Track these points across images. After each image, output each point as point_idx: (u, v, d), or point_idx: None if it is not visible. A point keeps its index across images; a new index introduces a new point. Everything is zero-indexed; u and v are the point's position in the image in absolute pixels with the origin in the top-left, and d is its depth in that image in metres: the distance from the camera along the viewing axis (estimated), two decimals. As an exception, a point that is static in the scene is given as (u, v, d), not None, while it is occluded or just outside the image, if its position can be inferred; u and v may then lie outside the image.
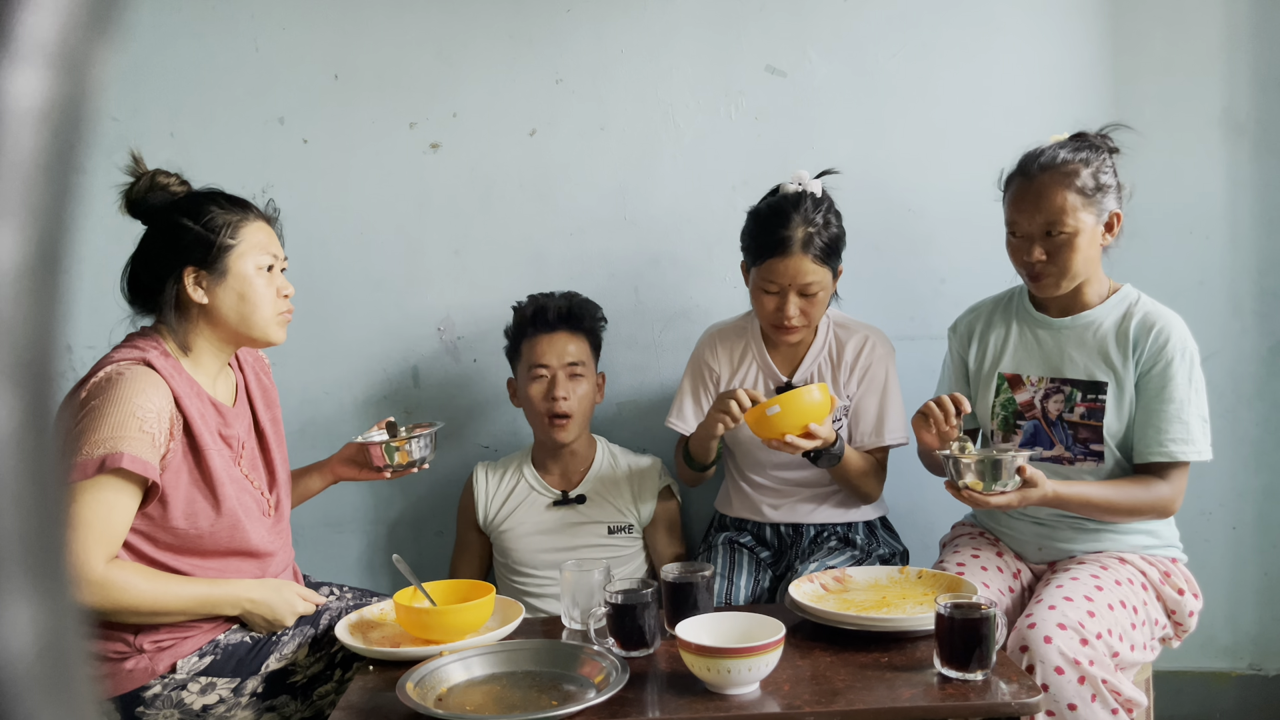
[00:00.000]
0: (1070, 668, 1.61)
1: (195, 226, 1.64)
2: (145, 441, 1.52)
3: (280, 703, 1.69)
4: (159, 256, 1.65)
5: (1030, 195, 1.80)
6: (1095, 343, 1.85)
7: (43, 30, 0.25)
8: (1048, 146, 1.83)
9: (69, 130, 0.26)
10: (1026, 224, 1.81)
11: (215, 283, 1.64)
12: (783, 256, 1.92)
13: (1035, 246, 1.80)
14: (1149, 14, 2.31)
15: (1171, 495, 1.79)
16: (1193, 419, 1.79)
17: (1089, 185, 1.78)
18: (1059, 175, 1.78)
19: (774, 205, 1.97)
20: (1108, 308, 1.86)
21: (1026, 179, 1.81)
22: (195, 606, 1.61)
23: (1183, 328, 1.82)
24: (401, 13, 2.36)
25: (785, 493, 2.12)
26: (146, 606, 1.56)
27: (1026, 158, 1.84)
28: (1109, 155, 1.84)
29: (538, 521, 2.21)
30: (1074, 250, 1.79)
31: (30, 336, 0.26)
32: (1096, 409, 1.84)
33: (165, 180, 1.69)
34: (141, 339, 1.65)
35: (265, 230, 1.71)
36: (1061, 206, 1.77)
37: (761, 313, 2.01)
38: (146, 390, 1.55)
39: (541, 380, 2.14)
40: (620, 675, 1.44)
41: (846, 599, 1.71)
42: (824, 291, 1.96)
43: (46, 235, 0.26)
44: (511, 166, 2.39)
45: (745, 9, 2.36)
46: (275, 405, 1.87)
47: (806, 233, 1.92)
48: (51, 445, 0.27)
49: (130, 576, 1.54)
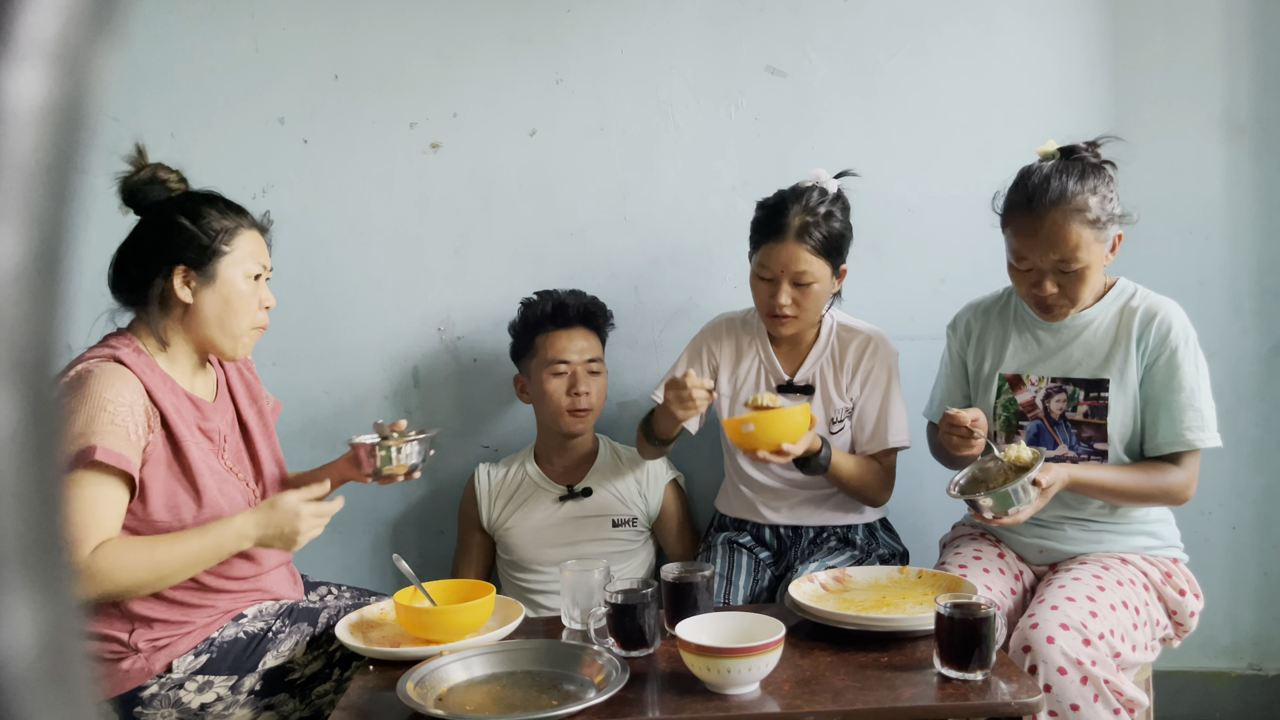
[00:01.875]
0: (1073, 668, 1.61)
1: (191, 227, 1.64)
2: (118, 434, 1.52)
3: (278, 701, 1.69)
4: (151, 251, 1.65)
5: (1041, 233, 1.74)
6: (1095, 340, 1.85)
7: (43, 30, 0.25)
8: (1045, 173, 1.76)
9: (69, 130, 0.26)
10: (1037, 260, 1.77)
11: (203, 285, 1.65)
12: (777, 242, 1.94)
13: (1046, 281, 1.77)
14: (1149, 14, 2.31)
15: (1186, 481, 1.79)
16: (1204, 405, 1.79)
17: (1100, 217, 1.74)
18: (1069, 211, 1.73)
19: (780, 194, 1.99)
20: (1105, 304, 1.86)
21: (1033, 215, 1.74)
22: (200, 558, 1.58)
23: (1182, 314, 1.82)
24: (401, 13, 2.36)
25: (785, 494, 2.12)
26: (150, 576, 1.54)
27: (1029, 188, 1.76)
28: (1111, 176, 1.80)
29: (542, 517, 2.22)
30: (1084, 281, 1.77)
31: (30, 336, 0.26)
32: (1099, 407, 1.84)
33: (166, 175, 1.70)
34: (115, 338, 1.66)
35: (258, 240, 1.72)
36: (1076, 244, 1.73)
37: (757, 300, 2.02)
38: (115, 385, 1.55)
39: (563, 376, 2.17)
40: (620, 675, 1.44)
41: (846, 599, 1.70)
42: (819, 284, 1.96)
43: (46, 235, 0.26)
44: (511, 166, 2.39)
45: (745, 9, 2.36)
46: (260, 399, 1.87)
47: (803, 221, 1.92)
48: (51, 445, 0.27)
49: (117, 556, 1.51)
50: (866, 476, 2.03)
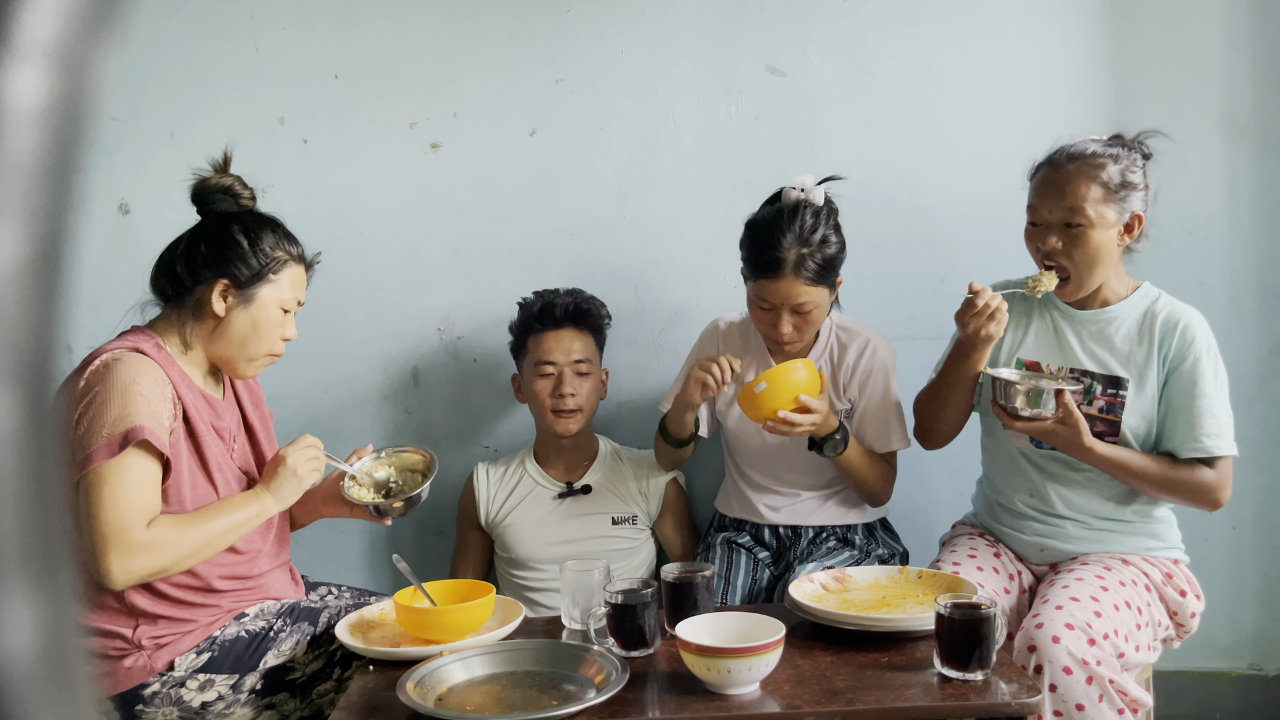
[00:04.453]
0: (1078, 668, 1.61)
1: (246, 246, 1.68)
2: (155, 418, 1.55)
3: (279, 700, 1.69)
4: (201, 257, 1.68)
5: (1054, 183, 1.81)
6: (1118, 338, 1.85)
7: (43, 30, 0.25)
8: (1080, 140, 1.84)
9: (69, 130, 0.27)
10: (1047, 212, 1.81)
11: (239, 303, 1.68)
12: (774, 279, 1.90)
13: (1052, 235, 1.81)
14: (1149, 14, 2.31)
15: (1218, 482, 1.79)
16: (1221, 413, 1.80)
17: (1114, 180, 1.78)
18: (1086, 166, 1.79)
19: (769, 220, 1.92)
20: (1130, 304, 1.87)
21: (1054, 168, 1.82)
22: (243, 524, 1.63)
23: (1204, 323, 1.84)
24: (401, 13, 2.36)
25: (785, 494, 2.12)
26: (199, 544, 1.57)
27: (1058, 149, 1.85)
28: (1141, 158, 1.84)
29: (541, 515, 2.22)
30: (1089, 244, 1.78)
31: (30, 336, 0.26)
32: (1116, 404, 1.84)
33: (241, 190, 1.75)
34: (134, 333, 1.68)
35: (301, 275, 1.76)
36: (1084, 195, 1.77)
37: (757, 324, 2.02)
38: (146, 371, 1.58)
39: (549, 377, 2.17)
40: (620, 675, 1.44)
41: (846, 599, 1.70)
42: (818, 309, 1.95)
43: (46, 235, 0.26)
44: (511, 166, 2.39)
45: (745, 9, 2.36)
46: (262, 404, 1.90)
47: (799, 254, 1.88)
48: (51, 445, 0.27)
49: (171, 530, 1.55)
50: (875, 469, 2.03)
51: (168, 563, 1.55)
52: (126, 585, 1.53)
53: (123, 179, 2.35)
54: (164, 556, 1.54)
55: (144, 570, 1.52)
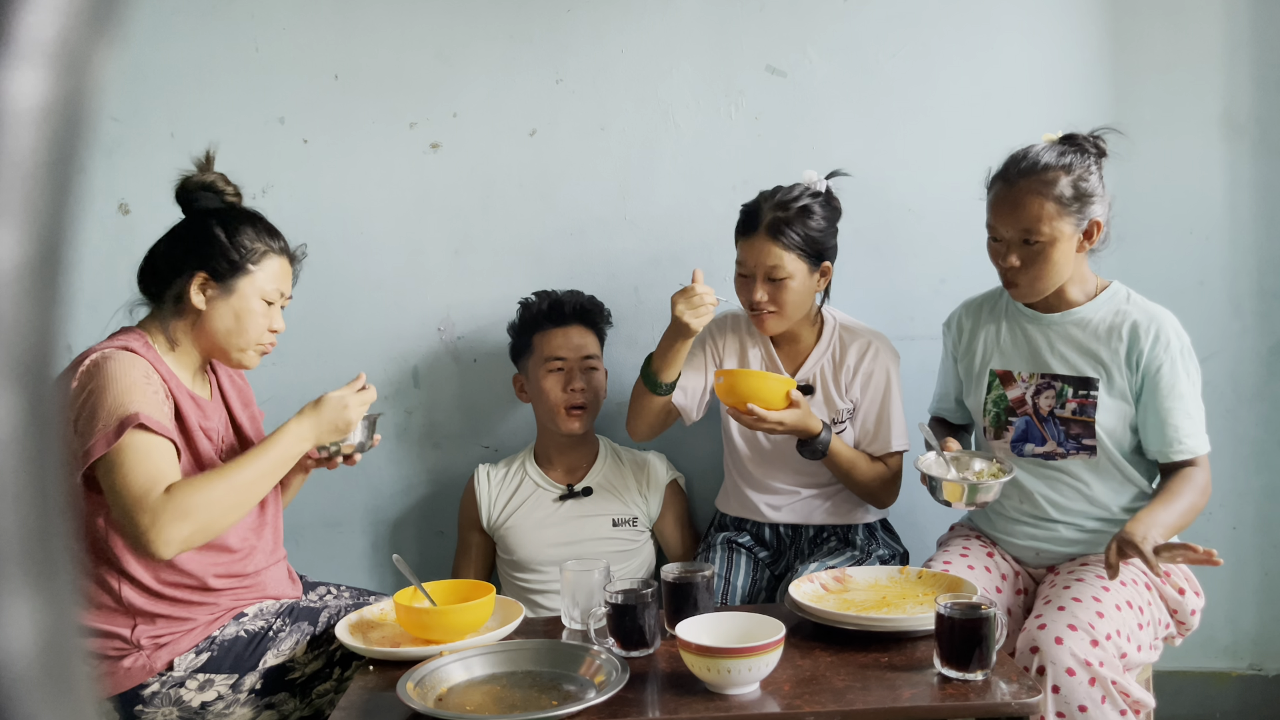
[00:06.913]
0: (1081, 669, 1.61)
1: (224, 239, 1.68)
2: (151, 405, 1.56)
3: (279, 700, 1.69)
4: (181, 252, 1.69)
5: (1008, 202, 1.79)
6: (1084, 340, 1.85)
7: (43, 30, 0.25)
8: (1033, 149, 1.82)
9: (69, 130, 0.27)
10: (1004, 230, 1.81)
11: (218, 296, 1.68)
12: (747, 237, 1.97)
13: (1011, 253, 1.80)
14: (1149, 13, 2.31)
15: (1207, 477, 1.82)
16: (1195, 412, 1.82)
17: (1066, 194, 1.76)
18: (1038, 183, 1.77)
19: (760, 193, 2.01)
20: (1097, 305, 1.86)
21: (1006, 184, 1.81)
22: (272, 470, 1.62)
23: (1174, 322, 1.83)
24: (401, 13, 2.36)
25: (785, 493, 2.12)
26: (231, 499, 1.56)
27: (1010, 160, 1.83)
28: (1095, 161, 1.81)
29: (542, 517, 2.22)
30: (1048, 260, 1.79)
31: (30, 336, 0.26)
32: (1088, 405, 1.84)
33: (224, 187, 1.75)
34: (124, 333, 1.69)
35: (285, 267, 1.76)
36: (1038, 215, 1.76)
37: (739, 297, 2.04)
38: (137, 366, 1.59)
39: (559, 373, 2.18)
40: (620, 675, 1.44)
41: (846, 599, 1.70)
42: (793, 280, 1.95)
43: (46, 235, 0.26)
44: (511, 166, 2.39)
45: (745, 9, 2.36)
46: (251, 403, 1.90)
47: (774, 217, 1.93)
48: (51, 445, 0.27)
49: (194, 490, 1.53)
50: (871, 473, 2.03)
51: (205, 520, 1.53)
52: (176, 552, 1.52)
53: (123, 179, 2.35)
54: (197, 514, 1.51)
55: (184, 533, 1.50)
